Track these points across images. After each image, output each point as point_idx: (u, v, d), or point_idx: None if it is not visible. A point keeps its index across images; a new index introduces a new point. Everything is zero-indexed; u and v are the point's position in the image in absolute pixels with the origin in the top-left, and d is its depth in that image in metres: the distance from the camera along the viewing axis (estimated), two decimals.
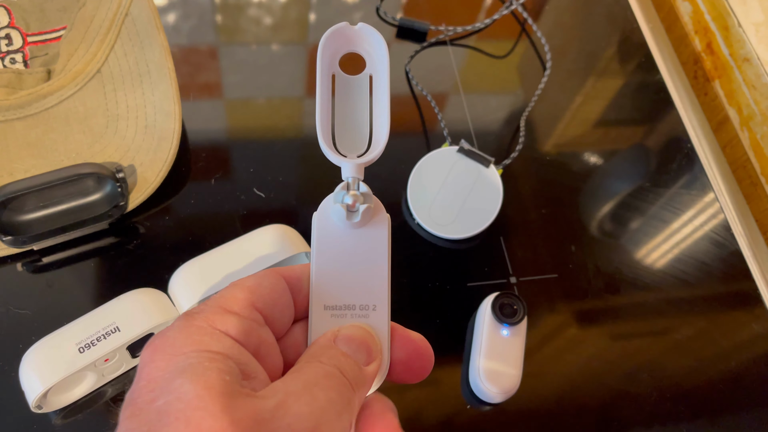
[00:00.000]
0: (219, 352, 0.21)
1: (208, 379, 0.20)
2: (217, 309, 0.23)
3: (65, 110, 0.49)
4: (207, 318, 0.22)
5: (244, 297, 0.24)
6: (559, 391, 0.48)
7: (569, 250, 0.54)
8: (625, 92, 0.66)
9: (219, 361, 0.21)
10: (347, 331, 0.25)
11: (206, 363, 0.21)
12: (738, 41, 0.63)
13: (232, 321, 0.23)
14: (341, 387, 0.22)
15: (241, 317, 0.23)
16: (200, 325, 0.22)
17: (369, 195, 0.25)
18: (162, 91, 0.50)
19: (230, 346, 0.22)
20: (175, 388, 0.20)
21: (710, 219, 0.59)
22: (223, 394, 0.20)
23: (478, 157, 0.54)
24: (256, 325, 0.23)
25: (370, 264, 0.26)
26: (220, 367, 0.21)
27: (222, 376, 0.20)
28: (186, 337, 0.22)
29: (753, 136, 0.62)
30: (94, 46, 0.49)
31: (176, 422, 0.19)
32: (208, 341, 0.22)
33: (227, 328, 0.22)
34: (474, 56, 0.66)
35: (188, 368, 0.20)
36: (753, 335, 0.53)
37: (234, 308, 0.23)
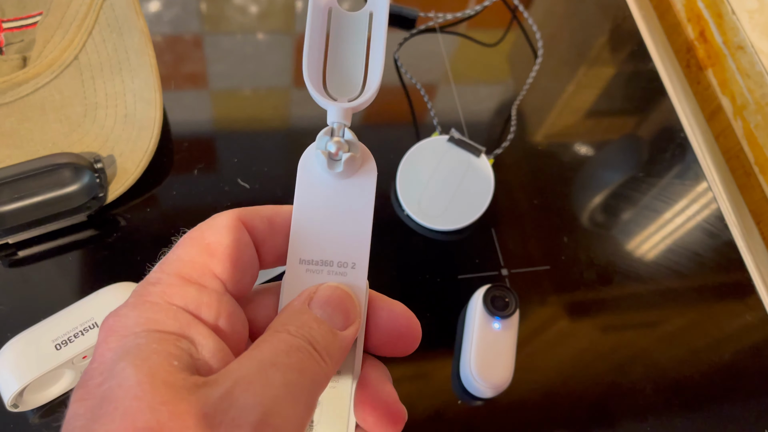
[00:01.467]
0: (172, 332, 0.20)
1: (152, 365, 0.18)
2: (175, 279, 0.21)
3: (41, 98, 0.47)
4: (163, 292, 0.21)
5: (202, 262, 0.21)
6: (551, 385, 0.47)
7: (561, 242, 0.53)
8: (617, 81, 0.65)
9: (169, 342, 0.19)
10: (324, 293, 0.23)
11: (154, 345, 0.19)
12: (732, 29, 0.62)
13: (191, 293, 0.21)
14: (305, 363, 0.20)
15: (201, 287, 0.21)
16: (154, 301, 0.20)
17: (355, 143, 0.23)
18: (142, 78, 0.48)
19: (187, 323, 0.20)
20: (118, 372, 0.18)
21: (703, 209, 0.58)
22: (166, 384, 0.18)
23: (469, 147, 0.53)
24: (216, 295, 0.21)
25: (353, 219, 0.23)
26: (170, 350, 0.19)
27: (169, 361, 0.19)
28: (138, 314, 0.20)
29: (747, 125, 0.61)
30: (71, 32, 0.48)
31: (114, 411, 0.17)
32: (162, 319, 0.20)
33: (185, 302, 0.20)
34: (464, 44, 0.64)
35: (133, 350, 0.19)
36: (746, 325, 0.53)
37: (193, 276, 0.21)
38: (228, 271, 0.22)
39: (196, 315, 0.21)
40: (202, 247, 0.22)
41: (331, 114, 0.23)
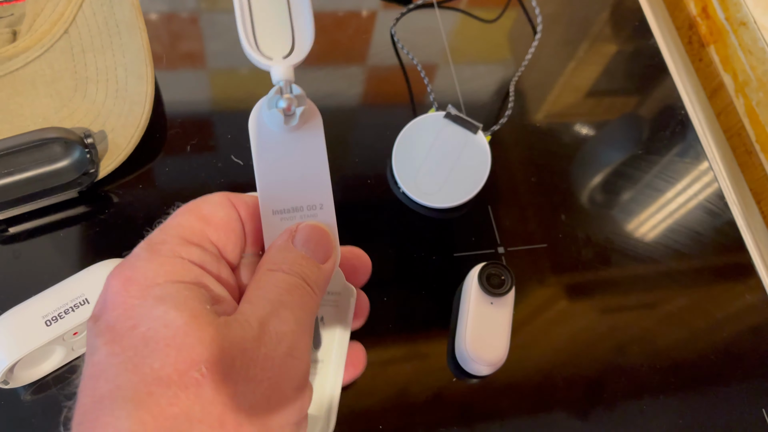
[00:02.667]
0: (193, 282, 0.22)
1: (192, 309, 0.20)
2: (179, 240, 0.23)
3: (31, 73, 0.46)
4: (173, 249, 0.22)
5: (200, 228, 0.23)
6: (548, 364, 0.47)
7: (559, 220, 0.53)
8: (618, 58, 0.64)
9: (196, 290, 0.21)
10: (304, 232, 0.25)
11: (185, 292, 0.21)
12: (734, 4, 0.61)
13: (196, 252, 0.23)
14: (305, 299, 0.23)
15: (202, 249, 0.23)
16: (169, 255, 0.22)
17: (303, 97, 0.25)
18: (133, 52, 0.47)
19: (200, 275, 0.22)
20: (159, 315, 0.20)
21: (704, 188, 0.57)
22: (209, 324, 0.20)
23: (466, 123, 0.52)
24: (215, 258, 0.23)
25: (310, 164, 0.26)
26: (200, 296, 0.21)
27: (203, 305, 0.21)
28: (157, 267, 0.21)
29: (748, 102, 0.60)
30: (61, 5, 0.47)
31: (166, 348, 0.19)
32: (180, 271, 0.22)
33: (192, 258, 0.22)
34: (463, 20, 0.63)
35: (168, 297, 0.20)
36: (746, 306, 0.52)
37: (193, 239, 0.23)
38: (222, 240, 0.24)
39: (205, 269, 0.23)
40: (198, 216, 0.24)
41: (275, 73, 0.24)
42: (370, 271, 0.30)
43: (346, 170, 0.53)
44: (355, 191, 0.52)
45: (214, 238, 0.24)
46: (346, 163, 0.53)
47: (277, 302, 0.22)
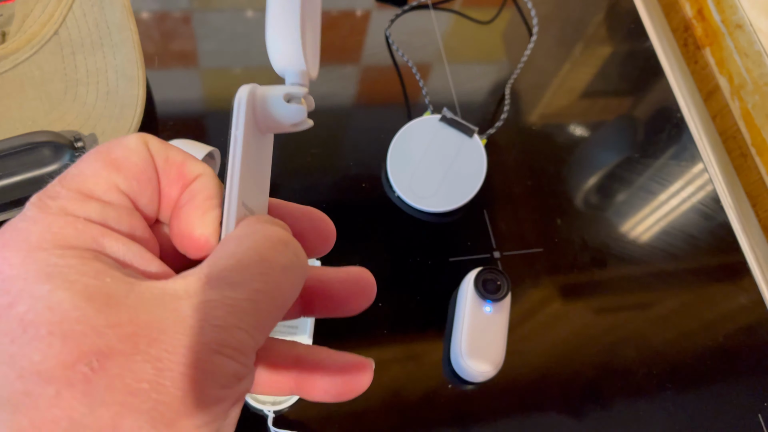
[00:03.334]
0: (88, 247, 0.18)
1: (87, 286, 0.16)
2: (76, 192, 0.19)
3: (20, 75, 0.45)
4: (63, 206, 0.18)
5: (107, 176, 0.19)
6: (543, 369, 0.47)
7: (555, 224, 0.52)
8: (613, 60, 0.64)
9: (91, 259, 0.17)
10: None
11: (77, 264, 0.17)
12: (730, 7, 0.61)
13: (94, 208, 0.19)
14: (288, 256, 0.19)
15: (104, 203, 0.19)
16: (56, 214, 0.18)
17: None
18: (124, 54, 0.46)
19: (99, 235, 0.18)
20: (43, 295, 0.16)
21: (699, 190, 0.57)
22: (108, 304, 0.16)
23: (461, 127, 0.52)
24: (125, 210, 0.19)
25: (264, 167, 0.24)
26: (95, 267, 0.17)
27: (101, 280, 0.17)
28: (42, 229, 0.17)
29: (744, 105, 0.60)
30: (51, 6, 0.46)
31: (50, 337, 0.16)
32: (71, 234, 0.18)
33: (91, 215, 0.18)
34: (458, 21, 0.63)
35: (56, 271, 0.17)
36: (740, 307, 0.52)
37: (96, 192, 0.19)
38: (135, 189, 0.20)
39: (107, 226, 0.19)
40: (107, 161, 0.19)
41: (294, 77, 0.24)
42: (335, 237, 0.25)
43: (341, 173, 0.52)
44: (350, 195, 0.51)
45: (125, 187, 0.19)
46: (340, 167, 0.53)
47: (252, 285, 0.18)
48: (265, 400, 0.42)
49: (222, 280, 0.18)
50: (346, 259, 0.48)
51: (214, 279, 0.18)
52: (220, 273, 0.18)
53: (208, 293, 0.17)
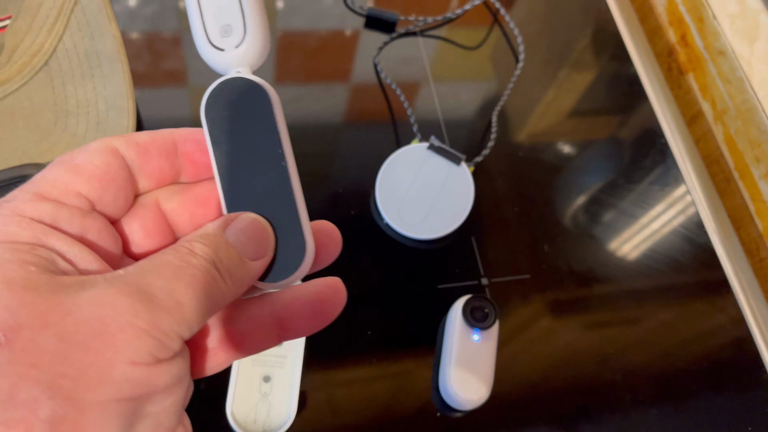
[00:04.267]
0: (26, 242, 0.19)
1: (9, 271, 0.17)
2: (31, 195, 0.20)
3: (10, 105, 0.46)
4: (15, 207, 0.19)
5: (67, 180, 0.21)
6: (531, 395, 0.47)
7: (542, 250, 0.53)
8: (598, 85, 0.65)
9: (23, 251, 0.18)
10: (242, 223, 0.22)
11: (6, 255, 0.18)
12: (713, 33, 0.62)
13: (46, 208, 0.20)
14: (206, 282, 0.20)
15: (59, 204, 0.20)
16: (5, 214, 0.19)
17: None
18: (114, 85, 0.47)
19: (42, 232, 0.19)
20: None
21: (683, 215, 0.58)
22: (25, 288, 0.17)
23: (449, 155, 0.52)
24: (78, 212, 0.20)
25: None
26: (25, 258, 0.18)
27: (26, 268, 0.18)
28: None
29: (727, 130, 0.61)
30: (41, 37, 0.46)
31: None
32: (14, 230, 0.19)
33: (40, 215, 0.19)
34: (445, 47, 0.64)
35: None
36: (724, 328, 0.53)
37: (52, 194, 0.20)
38: (96, 190, 0.21)
39: (54, 227, 0.20)
40: (69, 167, 0.21)
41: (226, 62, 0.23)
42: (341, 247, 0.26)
43: (330, 200, 0.53)
44: (338, 222, 0.51)
45: (85, 190, 0.21)
46: (330, 193, 0.53)
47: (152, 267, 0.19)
48: (254, 430, 0.42)
49: (139, 268, 0.19)
50: None
51: (131, 269, 0.19)
52: (138, 266, 0.19)
53: (128, 278, 0.18)
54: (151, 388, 0.17)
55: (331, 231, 0.26)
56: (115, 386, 0.17)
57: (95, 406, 0.16)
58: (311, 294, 0.24)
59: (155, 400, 0.18)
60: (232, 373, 0.43)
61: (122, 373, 0.17)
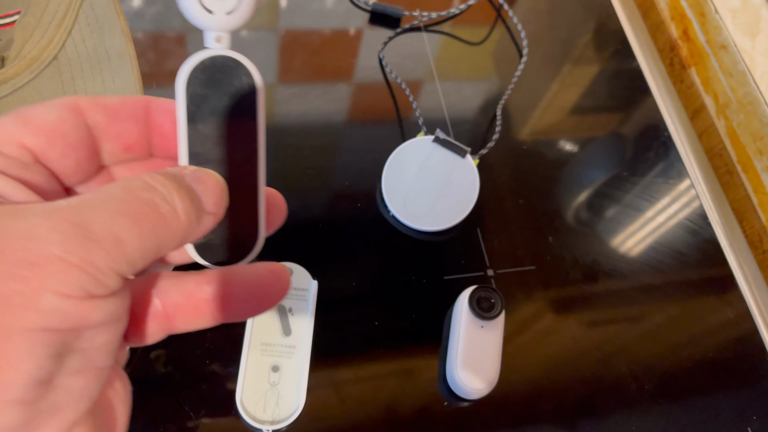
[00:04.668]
0: None
1: None
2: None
3: (20, 99, 0.46)
4: None
5: (12, 131, 0.20)
6: (537, 385, 0.47)
7: (547, 241, 0.53)
8: (601, 79, 0.65)
9: None
10: (201, 173, 0.21)
11: None
12: (714, 28, 0.63)
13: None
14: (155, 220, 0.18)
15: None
16: None
17: None
18: (123, 79, 0.47)
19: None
20: None
21: (687, 208, 0.58)
22: None
23: (454, 147, 0.53)
24: (17, 163, 0.20)
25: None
26: None
27: None
28: None
29: (729, 123, 0.61)
30: (50, 32, 0.47)
31: None
32: None
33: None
34: (449, 43, 0.64)
35: None
36: (728, 321, 0.53)
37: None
38: (42, 145, 0.20)
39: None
40: (19, 119, 0.20)
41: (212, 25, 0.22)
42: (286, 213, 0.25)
43: (336, 193, 0.53)
44: (345, 214, 0.52)
45: (30, 142, 0.20)
46: (336, 186, 0.54)
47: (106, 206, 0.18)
48: (263, 419, 0.42)
49: (81, 201, 0.18)
50: (341, 277, 0.49)
51: (72, 201, 0.18)
52: (81, 199, 0.18)
53: (62, 210, 0.17)
54: (82, 322, 0.17)
55: (276, 200, 0.25)
56: (41, 315, 0.16)
57: (20, 332, 0.16)
58: (252, 278, 0.23)
59: (86, 335, 0.17)
60: (241, 362, 0.44)
61: (50, 303, 0.16)
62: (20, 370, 0.16)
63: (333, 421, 0.44)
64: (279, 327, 0.45)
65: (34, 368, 0.16)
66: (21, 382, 0.16)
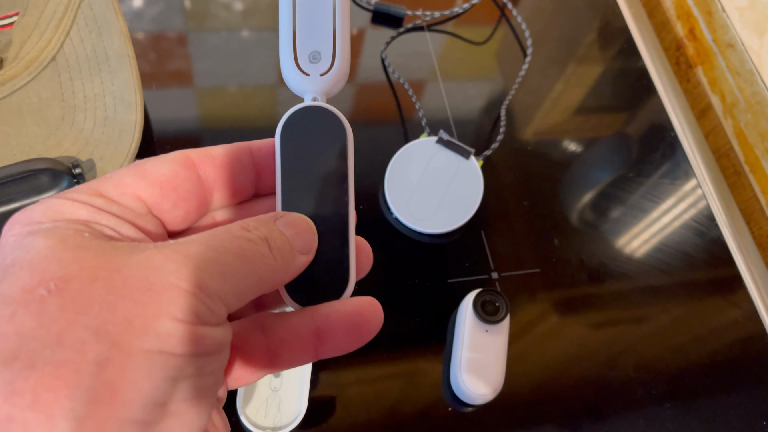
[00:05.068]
0: (80, 220, 0.19)
1: (64, 235, 0.18)
2: (92, 191, 0.21)
3: (18, 101, 0.46)
4: (72, 195, 0.20)
5: (129, 182, 0.21)
6: (543, 389, 0.47)
7: (552, 244, 0.53)
8: (606, 79, 0.64)
9: (79, 224, 0.19)
10: (290, 218, 0.23)
11: (62, 225, 0.19)
12: (721, 26, 0.62)
13: (100, 202, 0.20)
14: (251, 250, 0.20)
15: (111, 201, 0.21)
16: (64, 198, 0.20)
17: None
18: (122, 80, 0.47)
19: (94, 214, 0.20)
20: (25, 244, 0.18)
21: (694, 209, 0.58)
22: (78, 247, 0.18)
23: (458, 148, 0.52)
24: (131, 212, 0.21)
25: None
26: (80, 228, 0.19)
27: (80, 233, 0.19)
28: (45, 209, 0.20)
29: (737, 123, 0.61)
30: (49, 32, 0.46)
31: (20, 271, 0.17)
32: (69, 210, 0.20)
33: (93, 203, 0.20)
34: (452, 42, 0.63)
35: (43, 230, 0.19)
36: (737, 322, 0.52)
37: (110, 193, 0.21)
38: (155, 196, 0.22)
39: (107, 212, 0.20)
40: (136, 172, 0.22)
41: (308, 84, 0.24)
42: (372, 259, 0.27)
43: None
44: None
45: (145, 194, 0.21)
46: None
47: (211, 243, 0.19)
48: (265, 425, 0.42)
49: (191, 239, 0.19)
50: None
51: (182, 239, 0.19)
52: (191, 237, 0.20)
53: (177, 246, 0.19)
54: (195, 348, 0.18)
55: (364, 247, 0.26)
56: (159, 338, 0.17)
57: (140, 353, 0.17)
58: (351, 310, 0.24)
59: (198, 363, 0.18)
60: None
61: (167, 327, 0.17)
62: (139, 390, 0.16)
63: (335, 427, 0.43)
64: None
65: (152, 389, 0.17)
66: (140, 401, 0.16)
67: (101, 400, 0.16)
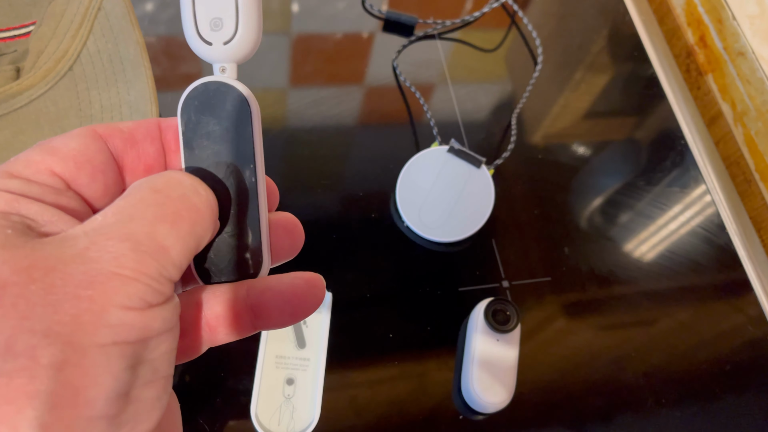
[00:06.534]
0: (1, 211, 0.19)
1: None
2: (2, 173, 0.20)
3: (36, 110, 0.46)
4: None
5: (40, 160, 0.21)
6: (554, 397, 0.47)
7: (562, 252, 0.53)
8: (616, 86, 0.64)
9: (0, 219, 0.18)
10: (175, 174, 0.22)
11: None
12: (732, 34, 0.62)
13: (15, 184, 0.20)
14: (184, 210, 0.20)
15: (28, 181, 0.20)
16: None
17: None
18: (138, 90, 0.47)
19: (13, 200, 0.19)
20: None
21: (704, 217, 0.58)
22: (4, 247, 0.17)
23: (469, 158, 0.52)
24: (51, 190, 0.20)
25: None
26: (1, 223, 0.18)
27: (2, 231, 0.18)
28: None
29: (747, 131, 0.61)
30: (66, 43, 0.47)
31: None
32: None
33: (9, 189, 0.20)
34: (463, 50, 0.64)
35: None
36: (746, 330, 0.53)
37: (23, 173, 0.20)
38: (70, 170, 0.21)
39: (25, 196, 0.20)
40: (45, 149, 0.21)
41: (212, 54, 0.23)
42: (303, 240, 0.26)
43: (351, 204, 0.53)
44: (359, 225, 0.52)
45: (59, 169, 0.21)
46: (350, 197, 0.53)
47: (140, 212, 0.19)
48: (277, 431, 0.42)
49: (118, 215, 0.19)
50: (356, 289, 0.49)
51: (110, 216, 0.19)
52: (117, 212, 0.19)
53: (105, 228, 0.18)
54: (147, 333, 0.18)
55: (291, 224, 0.26)
56: (112, 330, 0.17)
57: (96, 349, 0.16)
58: (286, 287, 0.24)
59: (151, 345, 0.18)
60: (255, 375, 0.43)
61: (117, 318, 0.17)
62: (100, 385, 0.16)
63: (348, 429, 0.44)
64: (293, 339, 0.45)
65: (113, 381, 0.16)
66: (103, 396, 0.16)
67: (64, 403, 0.16)
